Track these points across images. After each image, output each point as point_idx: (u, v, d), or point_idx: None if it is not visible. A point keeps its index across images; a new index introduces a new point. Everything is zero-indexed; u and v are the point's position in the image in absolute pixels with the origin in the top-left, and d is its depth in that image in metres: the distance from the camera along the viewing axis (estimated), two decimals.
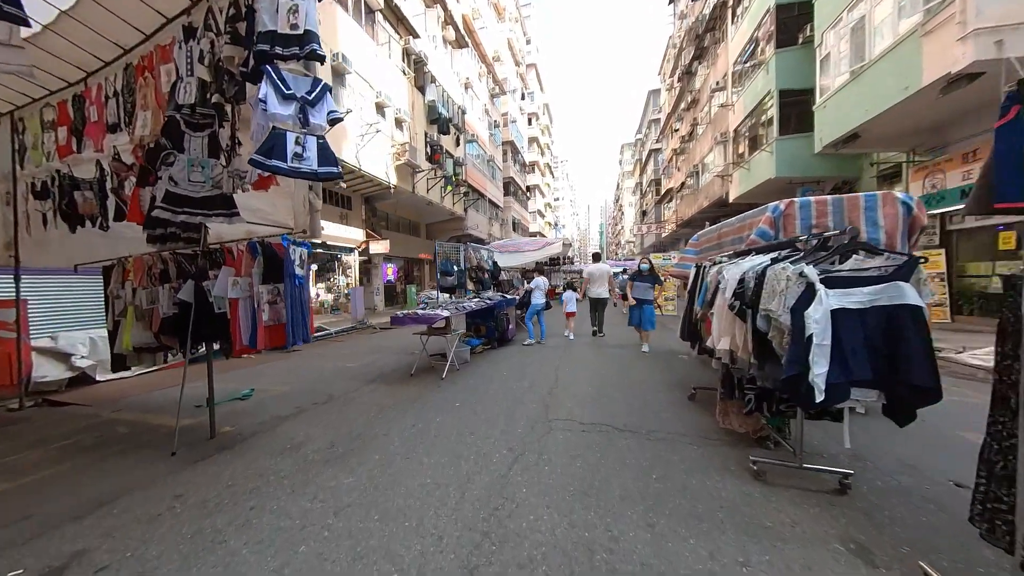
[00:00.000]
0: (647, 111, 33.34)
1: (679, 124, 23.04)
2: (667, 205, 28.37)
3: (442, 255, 5.92)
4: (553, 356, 5.68)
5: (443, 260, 5.77)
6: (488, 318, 6.07)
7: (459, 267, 6.18)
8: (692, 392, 3.57)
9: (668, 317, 10.57)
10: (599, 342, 6.92)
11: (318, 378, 4.77)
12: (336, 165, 2.42)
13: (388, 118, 12.51)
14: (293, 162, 2.23)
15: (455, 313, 4.52)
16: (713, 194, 17.25)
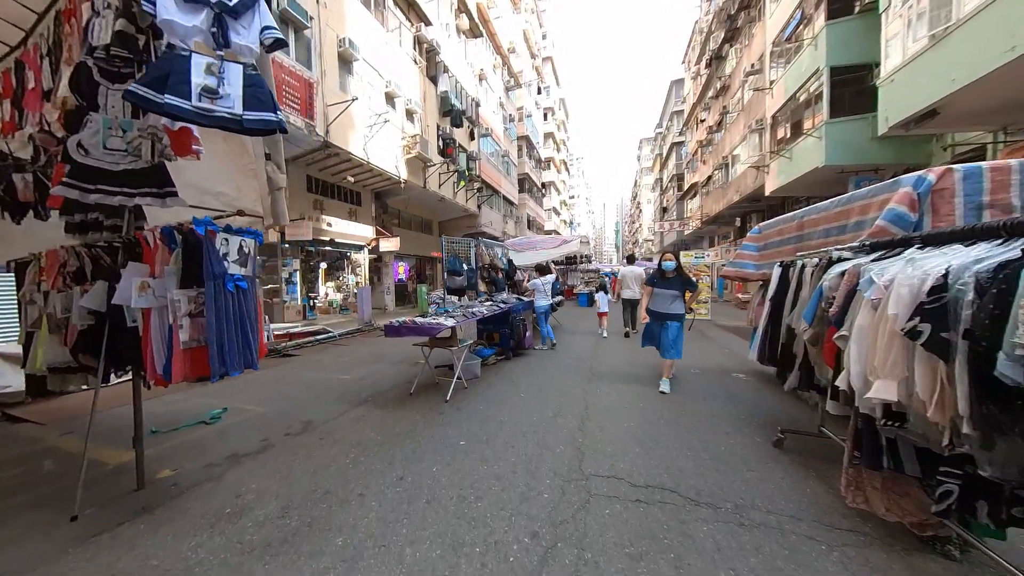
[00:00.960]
0: (669, 102, 31.67)
1: (705, 114, 21.53)
2: (690, 201, 26.81)
3: (450, 252, 5.12)
4: (579, 370, 4.80)
5: (451, 258, 4.98)
6: (502, 324, 5.24)
7: (469, 266, 5.37)
8: (779, 437, 2.61)
9: (702, 322, 9.44)
10: (634, 349, 5.98)
11: (303, 395, 4.06)
12: (275, 111, 1.63)
13: (398, 109, 11.85)
14: (201, 100, 1.45)
15: (463, 321, 3.70)
16: (745, 187, 15.85)
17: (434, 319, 3.45)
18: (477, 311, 4.25)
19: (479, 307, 4.63)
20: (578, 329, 8.77)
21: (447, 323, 3.33)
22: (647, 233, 51.97)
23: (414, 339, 3.68)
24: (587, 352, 5.97)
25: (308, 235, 9.41)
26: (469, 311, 4.19)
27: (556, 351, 6.02)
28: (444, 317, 3.65)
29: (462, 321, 3.63)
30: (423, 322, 3.36)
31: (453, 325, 3.44)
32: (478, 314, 4.17)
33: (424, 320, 3.35)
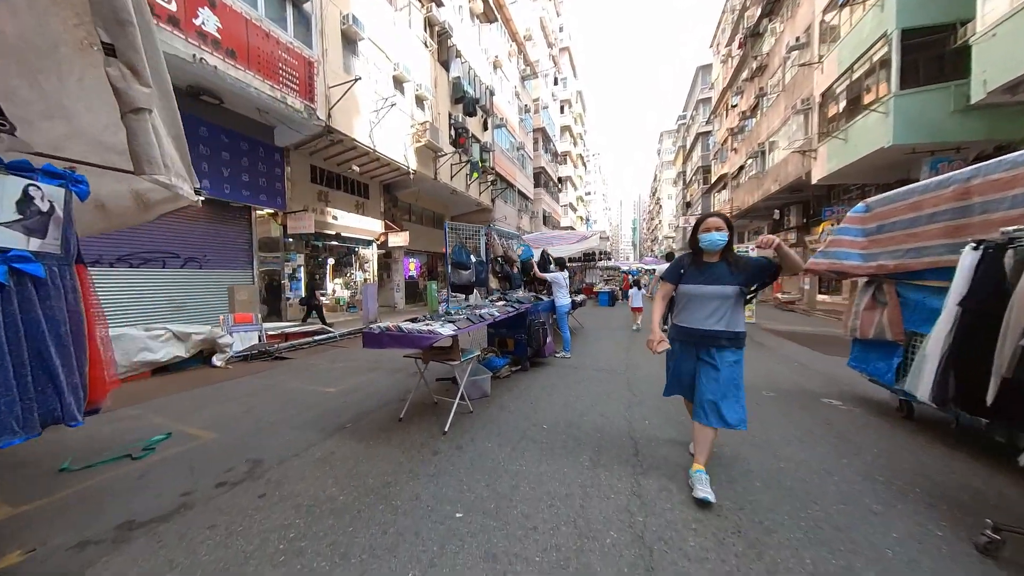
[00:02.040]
0: (695, 90, 29.75)
1: (737, 99, 19.82)
2: (717, 194, 25.04)
3: (455, 240, 4.22)
4: (614, 387, 3.81)
5: (456, 247, 4.08)
6: (518, 328, 4.30)
7: (479, 257, 4.46)
8: (989, 537, 1.52)
9: (751, 327, 8.16)
10: None
11: (271, 415, 3.25)
12: None
13: (407, 95, 11.06)
14: None
15: (467, 328, 2.78)
16: (786, 176, 14.27)
17: (427, 326, 2.55)
18: (486, 313, 3.33)
19: (489, 308, 3.70)
20: (603, 332, 7.73)
21: (443, 331, 2.42)
22: (667, 230, 49.84)
23: (403, 351, 2.79)
24: (618, 361, 4.95)
25: (310, 228, 8.75)
26: (476, 313, 3.28)
27: (582, 360, 5.03)
28: (441, 322, 2.74)
29: (466, 328, 2.72)
30: (411, 329, 2.46)
31: (452, 333, 2.53)
32: (487, 317, 3.25)
33: (413, 327, 2.45)
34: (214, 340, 5.43)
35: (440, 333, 2.40)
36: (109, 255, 6.37)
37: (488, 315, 3.30)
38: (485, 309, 3.57)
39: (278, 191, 8.77)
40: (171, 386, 4.38)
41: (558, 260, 5.12)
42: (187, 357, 5.18)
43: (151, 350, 4.88)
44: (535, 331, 4.33)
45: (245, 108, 7.59)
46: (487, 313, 3.33)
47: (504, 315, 3.63)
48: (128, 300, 6.53)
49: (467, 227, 4.42)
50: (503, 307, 3.89)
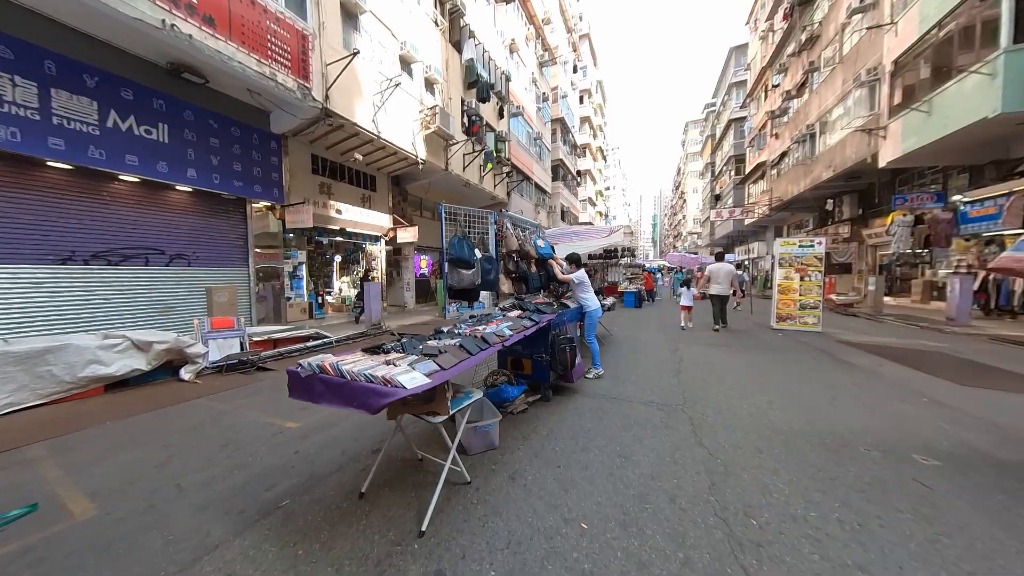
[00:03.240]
0: (726, 74, 27.39)
1: (779, 78, 17.78)
2: (752, 185, 22.92)
3: (454, 230, 3.15)
4: (673, 429, 2.65)
5: (455, 240, 3.01)
6: (537, 346, 3.21)
7: (486, 253, 3.39)
8: None
9: (815, 337, 6.70)
10: (739, 370, 3.72)
11: (186, 475, 2.30)
12: None
13: (416, 76, 10.09)
14: None
15: (454, 366, 1.65)
16: (843, 160, 12.40)
17: (389, 366, 1.47)
18: (493, 334, 2.24)
19: (499, 323, 2.62)
20: (638, 341, 6.50)
21: (410, 381, 1.31)
22: (692, 225, 47.20)
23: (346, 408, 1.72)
24: (670, 387, 3.76)
25: (309, 222, 7.95)
26: (477, 335, 2.20)
27: (620, 384, 3.88)
28: (415, 357, 1.66)
29: (453, 369, 1.60)
30: (360, 373, 1.38)
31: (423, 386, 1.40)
32: (494, 341, 2.16)
33: (361, 370, 1.37)
34: (181, 349, 4.65)
35: (401, 388, 1.32)
36: (83, 251, 5.72)
37: (495, 336, 2.21)
38: (491, 326, 2.49)
39: (275, 182, 8.01)
40: (112, 410, 3.56)
41: (571, 257, 3.96)
42: (148, 370, 4.42)
43: (102, 363, 4.12)
44: (560, 349, 3.21)
45: (234, 89, 6.82)
46: (494, 333, 2.24)
47: (519, 333, 2.53)
48: (105, 302, 5.87)
49: (470, 212, 3.35)
50: (518, 320, 2.79)
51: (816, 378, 4.08)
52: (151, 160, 6.11)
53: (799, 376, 4.16)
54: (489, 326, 2.51)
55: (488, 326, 2.49)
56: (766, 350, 5.57)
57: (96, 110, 5.51)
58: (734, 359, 4.98)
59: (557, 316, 3.31)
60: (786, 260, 7.35)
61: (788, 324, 7.28)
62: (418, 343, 1.94)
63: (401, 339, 1.97)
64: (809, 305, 7.14)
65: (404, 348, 1.82)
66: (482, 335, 2.12)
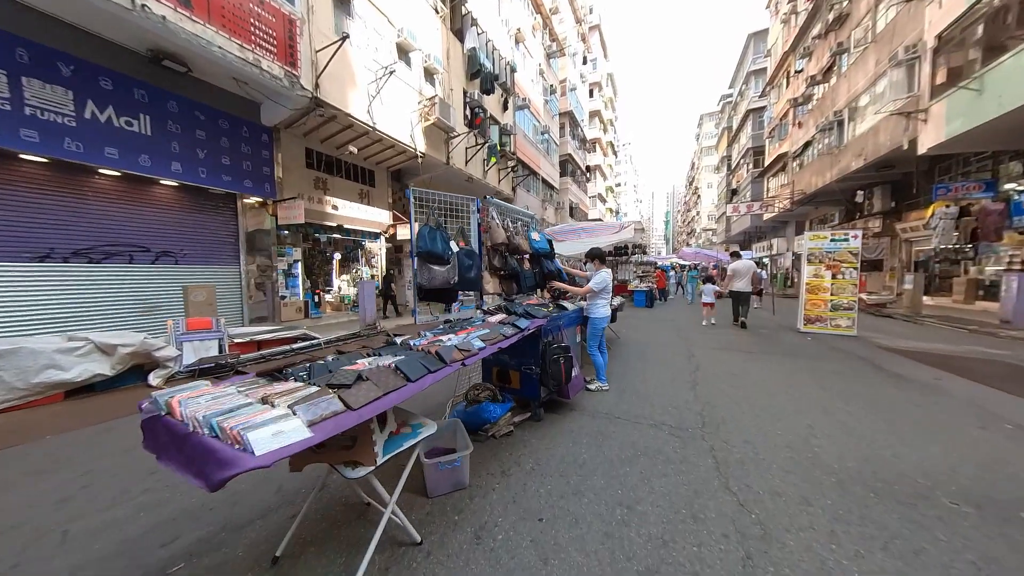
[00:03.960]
0: (744, 62, 26.04)
1: (803, 62, 16.65)
2: (772, 178, 21.72)
3: (424, 218, 2.64)
4: (697, 469, 2.10)
5: (424, 230, 2.49)
6: (525, 356, 2.68)
7: (467, 246, 2.87)
8: None
9: (850, 342, 5.91)
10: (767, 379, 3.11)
11: (87, 515, 1.88)
12: None
13: (414, 66, 9.64)
14: None
15: (384, 394, 1.14)
16: (876, 148, 11.38)
17: (245, 420, 0.95)
18: (454, 346, 1.73)
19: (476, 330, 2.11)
20: (650, 346, 5.89)
21: (265, 445, 0.79)
22: (706, 221, 45.67)
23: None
24: (686, 405, 3.18)
25: (301, 218, 7.60)
26: (435, 347, 1.69)
27: (627, 400, 3.32)
28: (310, 390, 1.14)
29: (370, 405, 1.08)
30: (200, 421, 0.89)
31: (302, 442, 0.87)
32: (452, 358, 1.64)
33: (208, 416, 0.87)
34: (149, 353, 4.31)
35: (249, 453, 0.81)
36: (63, 248, 5.46)
37: (455, 351, 1.69)
38: (460, 335, 1.97)
39: (266, 176, 7.69)
40: (61, 422, 3.22)
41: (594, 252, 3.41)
42: (112, 375, 4.09)
43: (60, 367, 3.81)
44: (553, 361, 2.68)
45: (220, 78, 6.49)
46: (456, 347, 1.73)
47: (494, 344, 2.01)
48: (86, 302, 5.61)
49: (447, 198, 2.83)
50: (498, 327, 2.27)
51: (863, 395, 3.42)
52: (132, 153, 5.82)
53: (841, 392, 3.51)
54: (458, 335, 2.00)
55: (456, 335, 1.97)
56: (795, 357, 4.89)
57: (72, 100, 5.23)
58: (759, 368, 4.34)
59: (549, 321, 2.77)
60: (816, 256, 6.59)
61: (817, 327, 6.53)
62: (336, 364, 1.44)
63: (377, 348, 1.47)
64: (842, 306, 6.37)
65: (311, 374, 1.32)
66: (437, 351, 1.61)
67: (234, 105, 7.04)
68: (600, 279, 3.19)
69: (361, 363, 1.47)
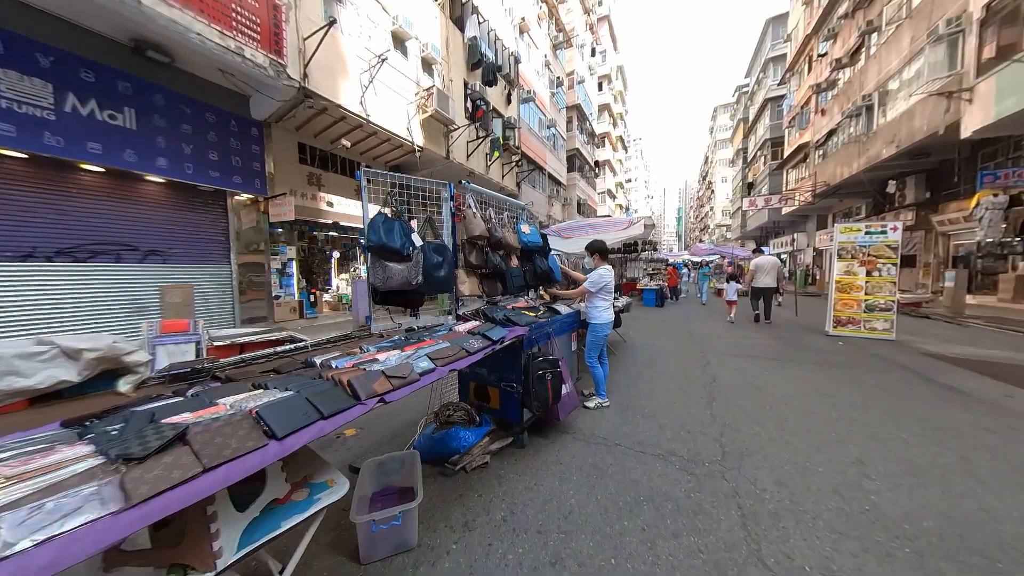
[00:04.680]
0: (762, 49, 24.67)
1: (827, 45, 15.52)
2: (792, 170, 20.53)
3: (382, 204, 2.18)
4: (717, 516, 1.59)
5: (379, 220, 2.01)
6: (509, 370, 2.21)
7: (438, 239, 2.41)
8: None
9: (888, 347, 5.17)
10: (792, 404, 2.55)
11: None
12: None
13: (411, 55, 9.21)
14: None
15: (188, 478, 0.65)
16: (910, 133, 10.40)
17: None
18: (380, 371, 1.27)
19: (417, 351, 1.65)
20: (659, 353, 5.30)
21: None
22: (720, 217, 44.08)
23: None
24: (700, 429, 2.64)
25: (291, 215, 7.29)
26: (362, 368, 1.24)
27: (631, 421, 2.81)
28: (93, 463, 0.71)
29: (150, 503, 0.60)
30: None
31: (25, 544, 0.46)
32: (367, 392, 1.18)
33: None
34: (117, 357, 4.03)
35: None
36: (47, 247, 5.25)
37: (380, 378, 1.23)
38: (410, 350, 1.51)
39: (256, 172, 7.40)
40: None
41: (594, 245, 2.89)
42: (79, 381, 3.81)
43: (20, 374, 3.49)
44: (538, 378, 2.20)
45: (205, 69, 6.19)
46: (383, 371, 1.27)
47: (448, 364, 1.54)
48: (72, 302, 5.40)
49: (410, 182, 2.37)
50: (464, 338, 1.80)
51: (919, 416, 2.82)
52: (116, 148, 5.57)
53: (891, 412, 2.91)
54: (405, 351, 1.53)
55: (401, 352, 1.51)
56: (828, 366, 4.26)
57: (51, 93, 4.99)
58: (787, 380, 3.75)
59: (533, 329, 2.29)
60: (847, 250, 5.87)
61: (850, 330, 5.82)
62: (191, 404, 1.01)
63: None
64: (878, 306, 5.64)
65: (125, 425, 0.89)
66: (351, 381, 1.15)
67: (222, 98, 6.75)
68: (597, 277, 2.68)
69: (222, 404, 1.03)
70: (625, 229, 7.88)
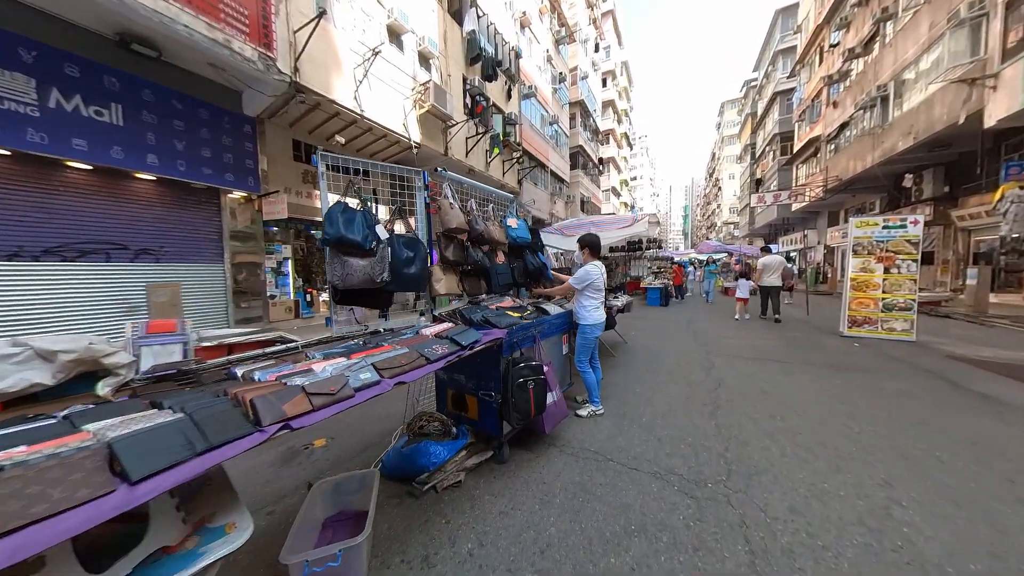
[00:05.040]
0: (771, 42, 23.98)
1: (839, 34, 14.96)
2: (802, 165, 19.93)
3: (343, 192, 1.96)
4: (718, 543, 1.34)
5: (336, 210, 1.80)
6: (488, 377, 1.97)
7: (409, 233, 2.18)
8: None
9: (911, 350, 4.80)
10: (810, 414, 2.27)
11: None
12: None
13: (407, 49, 9.00)
14: None
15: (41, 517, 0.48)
16: (929, 124, 9.90)
17: None
18: (298, 387, 1.05)
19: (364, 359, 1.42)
20: (660, 354, 5.01)
21: None
22: (727, 215, 43.26)
23: None
24: (703, 427, 2.38)
25: (283, 213, 7.13)
26: (286, 381, 1.02)
27: (627, 432, 2.56)
28: None
29: None
30: None
31: None
32: (269, 419, 0.97)
33: None
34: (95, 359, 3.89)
35: None
36: (33, 247, 5.15)
37: (300, 396, 1.00)
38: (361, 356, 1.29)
39: (249, 170, 7.25)
40: None
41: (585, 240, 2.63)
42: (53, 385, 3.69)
43: None
44: (519, 387, 1.96)
45: (195, 63, 6.04)
46: (304, 389, 1.04)
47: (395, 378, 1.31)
48: (61, 302, 5.29)
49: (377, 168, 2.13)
50: (429, 342, 1.57)
51: (951, 430, 2.52)
52: (103, 145, 5.45)
53: (919, 424, 2.61)
54: (351, 359, 1.31)
55: (345, 361, 1.29)
56: (844, 370, 3.94)
57: (34, 88, 4.87)
58: (799, 385, 3.45)
59: (514, 331, 2.04)
60: (863, 246, 5.51)
61: (866, 330, 5.47)
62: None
63: None
64: (897, 305, 5.27)
65: None
66: (254, 402, 0.93)
67: (214, 93, 6.61)
68: (583, 273, 2.43)
69: (86, 432, 0.82)
70: (629, 226, 7.58)
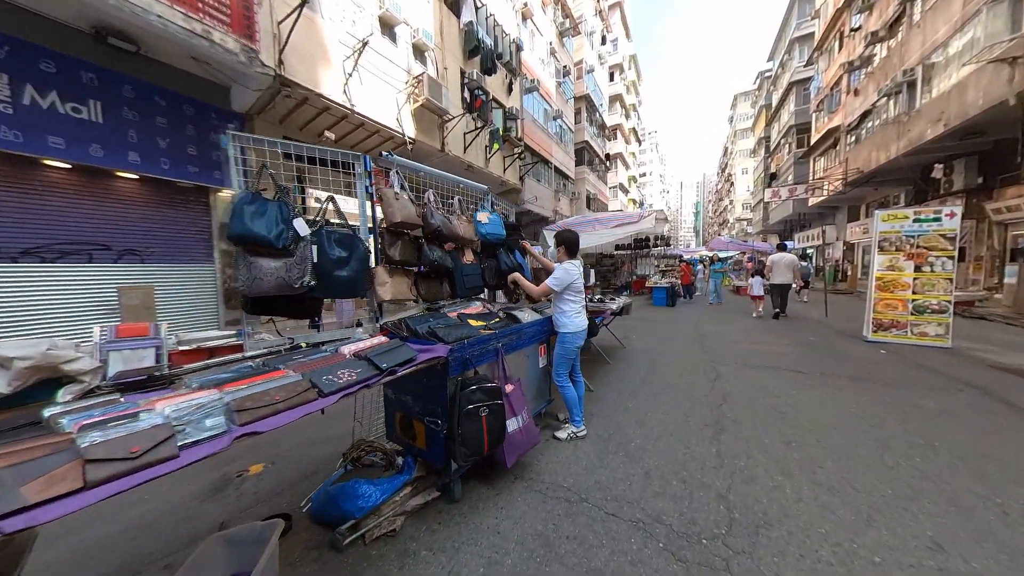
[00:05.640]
0: (786, 29, 22.88)
1: (861, 18, 14.06)
2: (820, 158, 18.97)
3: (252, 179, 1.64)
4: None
5: (243, 200, 1.48)
6: (435, 401, 1.61)
7: (345, 229, 1.86)
8: None
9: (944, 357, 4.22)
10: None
11: None
12: None
13: (400, 41, 8.69)
14: None
15: None
16: (962, 110, 9.12)
17: None
18: (123, 437, 0.73)
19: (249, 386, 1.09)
20: (662, 363, 4.56)
21: None
22: (740, 211, 41.95)
23: None
24: (703, 454, 1.99)
25: None
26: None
27: (610, 461, 2.17)
28: None
29: None
30: None
31: None
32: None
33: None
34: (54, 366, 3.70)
35: None
36: (10, 247, 5.01)
37: (118, 459, 0.67)
38: (170, 408, 0.96)
39: None
40: None
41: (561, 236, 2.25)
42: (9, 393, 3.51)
43: None
44: (469, 415, 1.60)
45: (176, 57, 5.84)
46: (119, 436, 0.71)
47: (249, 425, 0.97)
48: (40, 305, 5.15)
49: (302, 151, 1.81)
50: (349, 363, 1.23)
51: (1007, 460, 2.06)
52: (81, 142, 5.29)
53: (967, 454, 2.15)
54: (228, 387, 0.98)
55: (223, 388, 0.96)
56: (872, 383, 3.46)
57: (7, 84, 4.71)
58: (820, 403, 3.00)
59: (465, 346, 1.68)
60: (890, 242, 4.96)
61: (894, 335, 4.92)
62: None
63: None
64: (930, 308, 4.71)
65: None
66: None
67: (199, 89, 6.41)
68: (562, 272, 2.06)
69: None
70: (635, 224, 7.12)
